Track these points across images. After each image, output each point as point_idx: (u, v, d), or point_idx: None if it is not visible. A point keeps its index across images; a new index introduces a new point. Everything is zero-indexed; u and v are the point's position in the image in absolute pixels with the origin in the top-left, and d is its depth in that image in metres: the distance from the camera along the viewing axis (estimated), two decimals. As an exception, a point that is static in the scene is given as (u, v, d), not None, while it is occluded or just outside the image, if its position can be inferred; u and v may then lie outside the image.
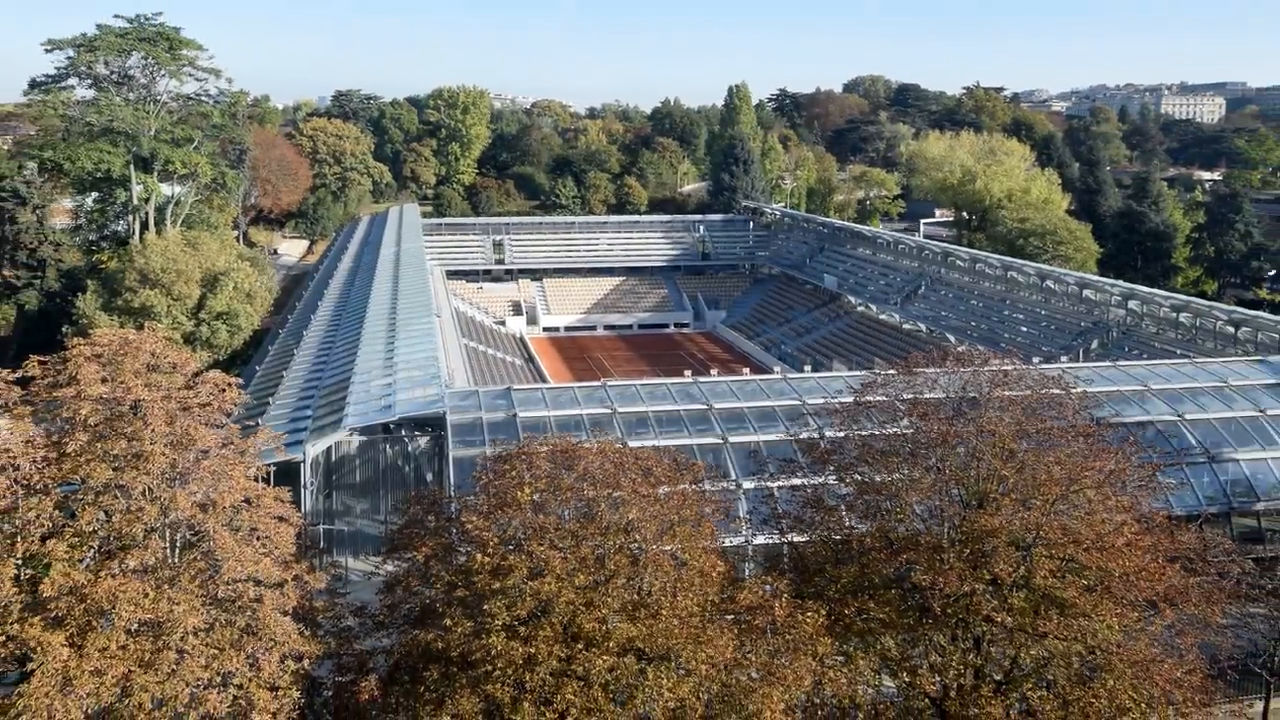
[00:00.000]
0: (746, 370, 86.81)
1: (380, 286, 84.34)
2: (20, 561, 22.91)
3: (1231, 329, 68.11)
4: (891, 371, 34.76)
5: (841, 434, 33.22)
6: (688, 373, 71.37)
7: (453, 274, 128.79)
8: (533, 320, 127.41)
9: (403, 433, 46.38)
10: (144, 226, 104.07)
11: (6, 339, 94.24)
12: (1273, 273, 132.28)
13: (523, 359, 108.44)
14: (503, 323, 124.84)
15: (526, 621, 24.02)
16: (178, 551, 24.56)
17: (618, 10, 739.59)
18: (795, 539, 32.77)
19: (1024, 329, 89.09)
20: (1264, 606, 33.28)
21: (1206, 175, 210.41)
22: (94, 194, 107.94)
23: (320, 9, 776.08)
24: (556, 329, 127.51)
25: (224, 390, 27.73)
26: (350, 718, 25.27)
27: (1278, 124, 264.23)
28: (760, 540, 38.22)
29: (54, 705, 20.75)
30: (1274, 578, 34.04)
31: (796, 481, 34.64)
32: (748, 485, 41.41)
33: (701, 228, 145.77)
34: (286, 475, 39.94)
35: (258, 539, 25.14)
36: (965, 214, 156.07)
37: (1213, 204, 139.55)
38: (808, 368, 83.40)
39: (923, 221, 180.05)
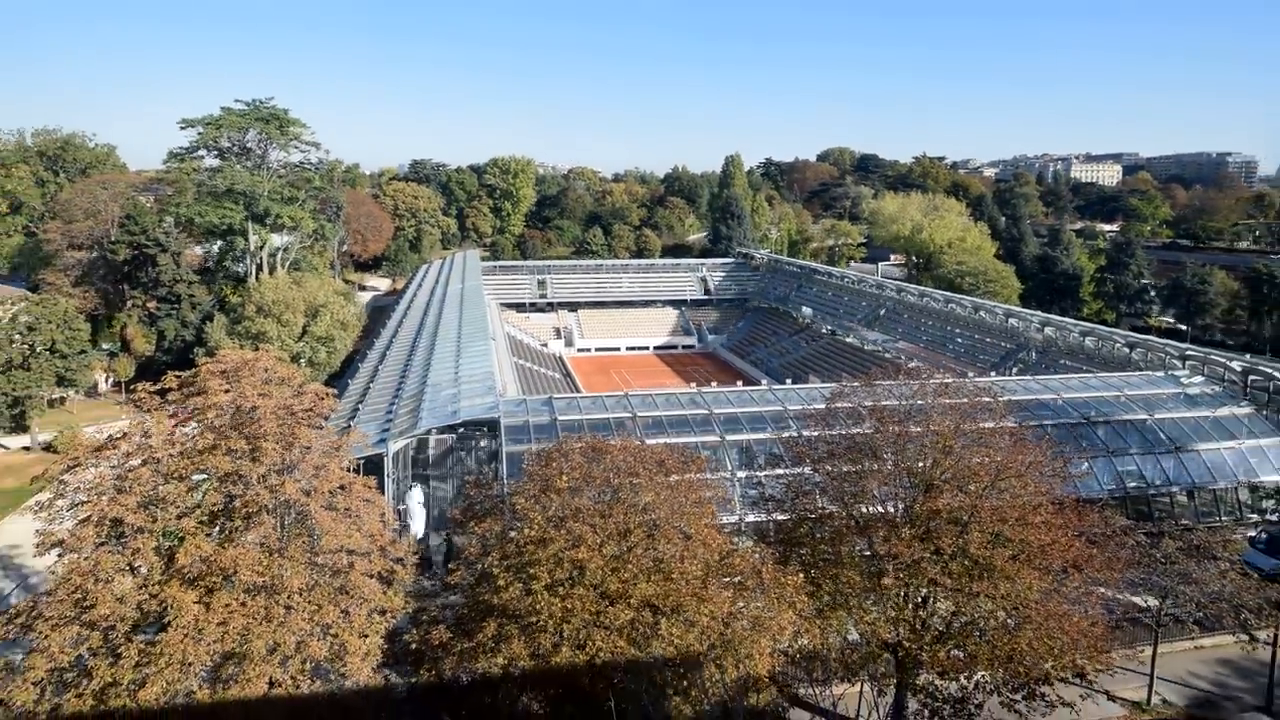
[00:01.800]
0: (740, 383, 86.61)
1: (448, 316, 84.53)
2: (161, 535, 23.09)
3: (1127, 350, 67.68)
4: (856, 384, 34.78)
5: (816, 434, 33.20)
6: (693, 385, 71.30)
7: (505, 306, 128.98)
8: (569, 343, 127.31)
9: (465, 432, 46.47)
10: (259, 268, 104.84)
11: (150, 359, 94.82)
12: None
13: (561, 374, 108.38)
14: (545, 345, 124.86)
15: (565, 583, 24.08)
16: (286, 527, 24.70)
17: (639, 95, 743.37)
18: (779, 517, 32.74)
19: (961, 350, 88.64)
20: (1152, 572, 33.18)
21: (1107, 227, 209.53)
22: (219, 242, 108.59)
23: (402, 94, 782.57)
24: (589, 349, 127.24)
25: (323, 399, 27.96)
26: (424, 660, 25.33)
27: (1164, 186, 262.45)
28: (751, 518, 38.19)
29: (187, 651, 20.91)
30: (1160, 549, 33.86)
31: (780, 472, 34.63)
32: (741, 475, 41.37)
33: (704, 269, 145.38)
34: (373, 466, 40.16)
35: (350, 517, 25.29)
36: (914, 258, 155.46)
37: (1112, 250, 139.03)
38: (789, 381, 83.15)
39: (880, 264, 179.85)
